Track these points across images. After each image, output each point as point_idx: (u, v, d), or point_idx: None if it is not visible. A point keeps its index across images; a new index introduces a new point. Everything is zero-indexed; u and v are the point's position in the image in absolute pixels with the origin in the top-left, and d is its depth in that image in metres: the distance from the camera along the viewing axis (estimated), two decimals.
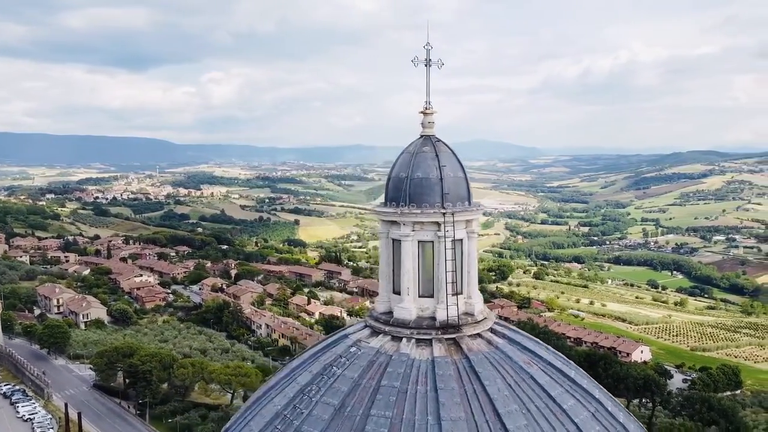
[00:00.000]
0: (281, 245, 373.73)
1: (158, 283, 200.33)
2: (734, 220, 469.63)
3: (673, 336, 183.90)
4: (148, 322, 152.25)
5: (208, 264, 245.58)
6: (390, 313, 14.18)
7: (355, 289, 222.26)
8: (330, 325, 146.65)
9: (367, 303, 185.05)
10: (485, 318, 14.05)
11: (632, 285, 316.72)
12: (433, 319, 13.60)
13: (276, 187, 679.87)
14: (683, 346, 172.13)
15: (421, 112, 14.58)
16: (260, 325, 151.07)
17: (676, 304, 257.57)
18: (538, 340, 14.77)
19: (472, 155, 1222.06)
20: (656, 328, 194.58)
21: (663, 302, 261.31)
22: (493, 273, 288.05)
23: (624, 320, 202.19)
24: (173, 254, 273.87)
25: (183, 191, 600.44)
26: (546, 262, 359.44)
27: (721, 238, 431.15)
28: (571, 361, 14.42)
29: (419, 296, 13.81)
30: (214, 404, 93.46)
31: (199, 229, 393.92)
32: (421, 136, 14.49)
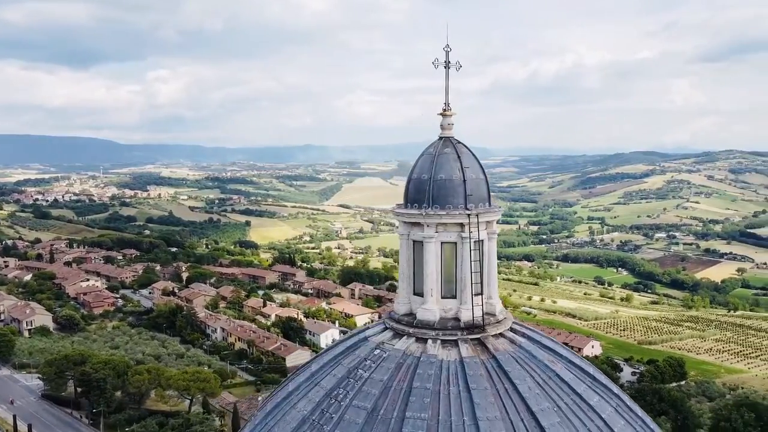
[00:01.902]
0: (233, 247, 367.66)
1: (106, 288, 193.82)
2: (674, 218, 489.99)
3: (620, 330, 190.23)
4: (97, 328, 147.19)
5: (158, 267, 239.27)
6: (411, 314, 14.17)
7: (310, 291, 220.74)
8: (288, 327, 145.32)
9: (323, 304, 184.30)
10: (505, 318, 14.23)
11: (580, 282, 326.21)
12: (457, 320, 13.67)
13: (226, 187, 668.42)
14: (631, 340, 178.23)
15: (440, 114, 14.65)
16: (215, 329, 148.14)
17: (622, 299, 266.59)
18: (552, 337, 15.04)
19: None
20: (605, 323, 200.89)
21: (610, 298, 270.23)
22: None
23: (574, 316, 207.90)
24: (120, 258, 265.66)
25: (129, 192, 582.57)
26: (499, 262, 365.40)
27: (663, 235, 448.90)
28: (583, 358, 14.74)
29: (441, 297, 13.86)
30: (171, 411, 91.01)
31: (147, 232, 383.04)
32: (440, 138, 14.55)
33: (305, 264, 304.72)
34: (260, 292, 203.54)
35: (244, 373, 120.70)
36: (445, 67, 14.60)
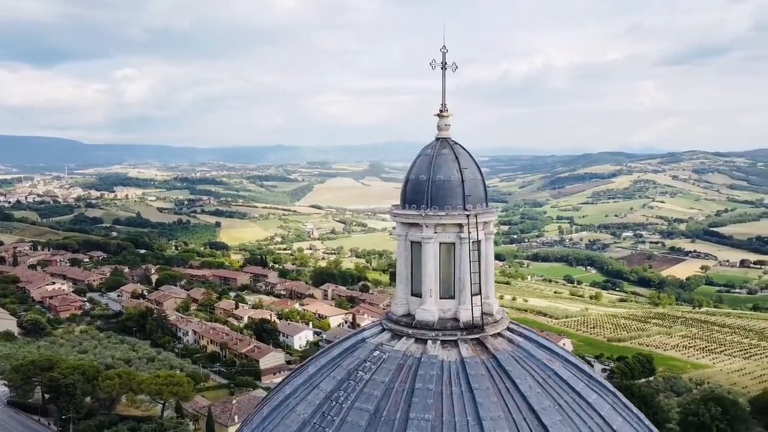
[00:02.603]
0: (203, 248, 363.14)
1: (72, 291, 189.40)
2: (641, 217, 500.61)
3: (590, 328, 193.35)
4: (64, 332, 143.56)
5: (126, 269, 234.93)
6: (409, 315, 14.15)
7: (282, 292, 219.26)
8: (262, 329, 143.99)
9: (297, 305, 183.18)
10: (502, 317, 14.32)
11: (550, 281, 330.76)
12: (456, 320, 13.70)
13: (195, 188, 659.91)
14: (600, 337, 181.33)
15: (437, 115, 14.66)
16: (187, 332, 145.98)
17: (591, 297, 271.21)
18: (546, 337, 15.18)
19: (395, 156, 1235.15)
20: (575, 321, 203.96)
21: (579, 296, 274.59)
22: None
23: (545, 314, 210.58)
24: (87, 260, 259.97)
25: (95, 193, 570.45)
26: None
27: (630, 234, 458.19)
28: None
29: (440, 298, 13.87)
30: (143, 416, 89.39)
31: (114, 233, 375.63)
32: (437, 139, 14.57)
33: (277, 265, 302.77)
34: (232, 294, 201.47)
35: (217, 376, 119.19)
36: (442, 68, 14.63)
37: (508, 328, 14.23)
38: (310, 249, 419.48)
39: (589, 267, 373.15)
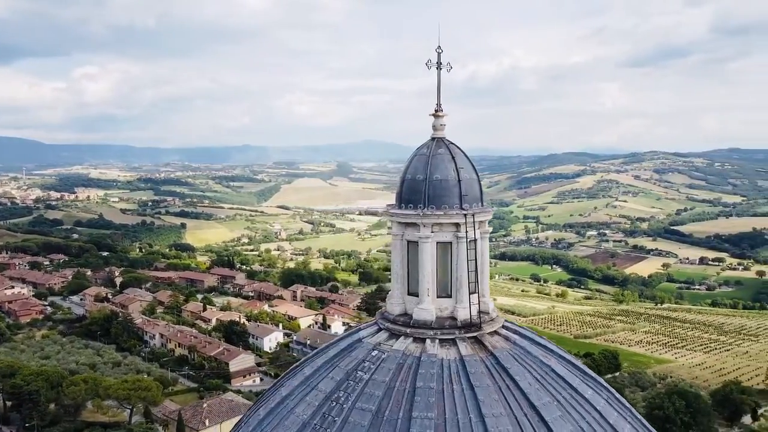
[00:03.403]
0: (168, 250, 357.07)
1: (33, 295, 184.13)
2: (604, 217, 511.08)
3: (557, 325, 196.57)
4: (25, 337, 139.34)
5: (89, 272, 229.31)
6: (406, 315, 14.18)
7: (251, 294, 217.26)
8: (231, 331, 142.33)
9: (266, 307, 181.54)
10: (498, 315, 14.47)
11: (517, 279, 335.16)
12: (454, 318, 13.77)
13: (159, 189, 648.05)
14: (567, 334, 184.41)
15: (432, 115, 14.72)
16: (154, 335, 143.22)
17: (557, 295, 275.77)
18: (536, 333, 15.39)
19: (362, 156, 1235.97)
20: (542, 318, 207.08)
21: (546, 294, 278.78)
22: (389, 272, 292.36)
23: (513, 313, 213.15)
24: (47, 263, 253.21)
25: (55, 195, 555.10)
26: None
27: (594, 233, 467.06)
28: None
29: (437, 297, 13.93)
30: (111, 422, 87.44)
31: (76, 236, 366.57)
32: (433, 138, 14.62)
33: (245, 266, 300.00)
34: (199, 296, 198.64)
35: (185, 379, 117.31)
36: (437, 68, 14.71)
37: (504, 326, 14.39)
38: (278, 250, 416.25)
39: (554, 266, 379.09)
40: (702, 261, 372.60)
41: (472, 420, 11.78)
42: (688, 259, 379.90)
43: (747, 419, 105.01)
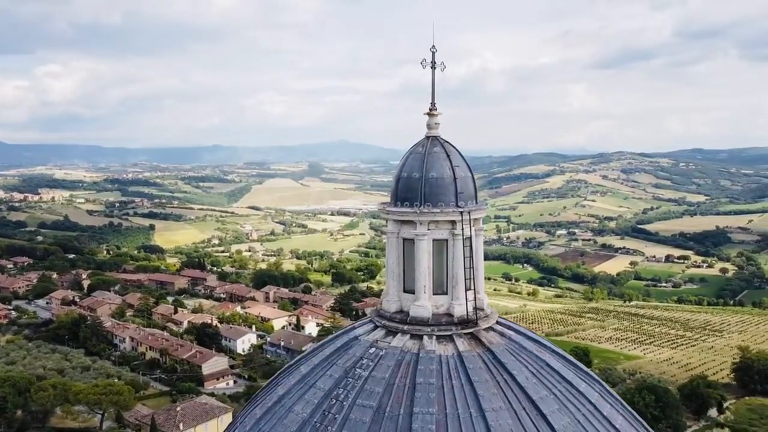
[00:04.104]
0: (137, 252, 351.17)
1: None
2: (573, 216, 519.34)
3: (529, 323, 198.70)
4: None
5: (55, 275, 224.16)
6: (403, 312, 14.28)
7: (222, 295, 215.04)
8: (203, 333, 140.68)
9: (238, 308, 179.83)
10: (492, 311, 14.66)
11: (489, 278, 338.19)
12: (450, 315, 13.93)
13: (127, 190, 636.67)
14: (539, 332, 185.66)
15: (426, 114, 14.85)
16: (124, 339, 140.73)
17: (528, 294, 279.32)
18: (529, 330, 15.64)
19: (334, 156, 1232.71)
20: (514, 317, 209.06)
21: (517, 293, 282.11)
22: (362, 272, 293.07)
23: None
24: (11, 266, 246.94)
25: (18, 196, 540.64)
26: None
27: (563, 232, 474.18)
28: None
29: (433, 294, 14.07)
30: (81, 428, 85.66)
31: (40, 238, 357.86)
32: (427, 137, 14.75)
33: (215, 268, 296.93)
34: (170, 299, 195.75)
35: (157, 383, 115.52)
36: (431, 68, 14.85)
37: (498, 322, 14.60)
38: (249, 251, 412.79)
39: (525, 264, 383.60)
40: (668, 259, 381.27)
41: (472, 414, 11.96)
42: (654, 257, 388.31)
43: (713, 412, 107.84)
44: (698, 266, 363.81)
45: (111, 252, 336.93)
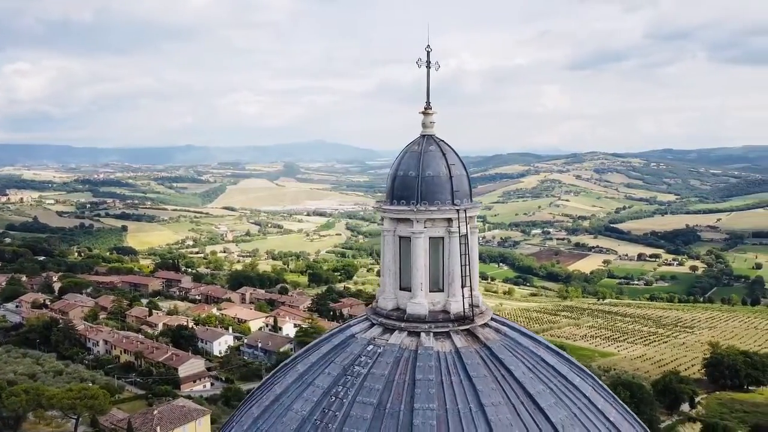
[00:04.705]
0: (109, 254, 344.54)
1: None
2: (548, 215, 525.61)
3: None
4: None
5: (24, 278, 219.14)
6: (399, 309, 14.36)
7: (198, 297, 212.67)
8: (179, 335, 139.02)
9: (214, 310, 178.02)
10: (487, 308, 14.82)
11: None
12: (446, 312, 14.05)
13: (98, 190, 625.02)
14: None
15: (422, 113, 14.96)
16: (97, 342, 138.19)
17: (504, 293, 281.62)
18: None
19: (309, 156, 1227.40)
20: None
21: (494, 292, 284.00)
22: (339, 273, 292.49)
23: None
24: None
25: None
26: None
27: (538, 231, 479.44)
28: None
29: (429, 291, 14.18)
30: None
31: (8, 240, 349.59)
32: (422, 136, 14.86)
33: (190, 269, 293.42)
34: (144, 301, 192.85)
35: (132, 386, 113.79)
36: (426, 67, 14.96)
37: (492, 319, 14.78)
38: (225, 252, 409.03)
39: (501, 264, 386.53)
40: (640, 257, 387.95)
41: (472, 410, 12.11)
42: (627, 255, 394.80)
43: (685, 407, 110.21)
44: (669, 264, 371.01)
45: (82, 254, 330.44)
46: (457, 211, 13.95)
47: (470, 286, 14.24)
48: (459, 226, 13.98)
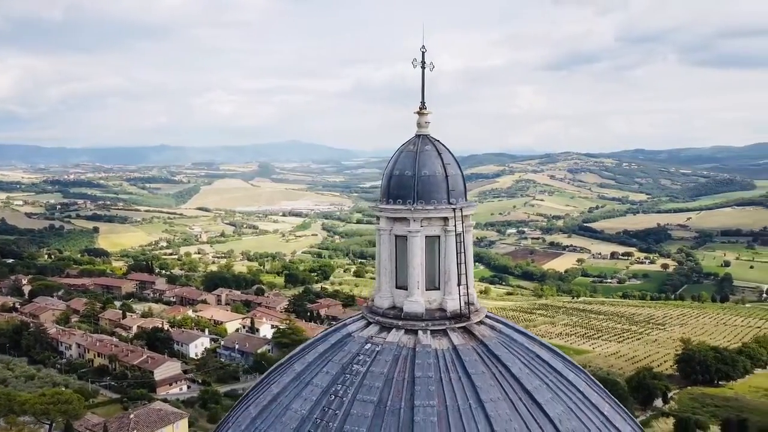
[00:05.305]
0: (80, 256, 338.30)
1: None
2: (523, 215, 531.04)
3: None
4: None
5: None
6: (396, 308, 14.47)
7: (173, 299, 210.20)
8: (154, 338, 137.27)
9: (190, 312, 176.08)
10: (482, 306, 15.00)
11: None
12: (443, 310, 14.20)
13: (69, 191, 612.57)
14: None
15: (416, 112, 15.08)
16: (70, 346, 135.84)
17: (480, 292, 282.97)
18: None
19: (285, 156, 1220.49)
20: None
21: None
22: (315, 273, 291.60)
23: None
24: None
25: None
26: (364, 260, 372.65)
27: (513, 231, 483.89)
28: None
29: (425, 289, 14.31)
30: None
31: None
32: (417, 135, 14.99)
33: (164, 271, 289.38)
34: (117, 303, 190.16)
35: (107, 390, 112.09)
36: (421, 67, 15.10)
37: (487, 316, 14.97)
38: (199, 253, 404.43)
39: (477, 263, 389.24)
40: (613, 256, 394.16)
41: (472, 406, 12.28)
42: (600, 254, 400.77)
43: (659, 402, 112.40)
44: (641, 262, 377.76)
45: (53, 256, 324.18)
46: (454, 210, 14.13)
47: (466, 284, 14.41)
48: (455, 225, 14.15)
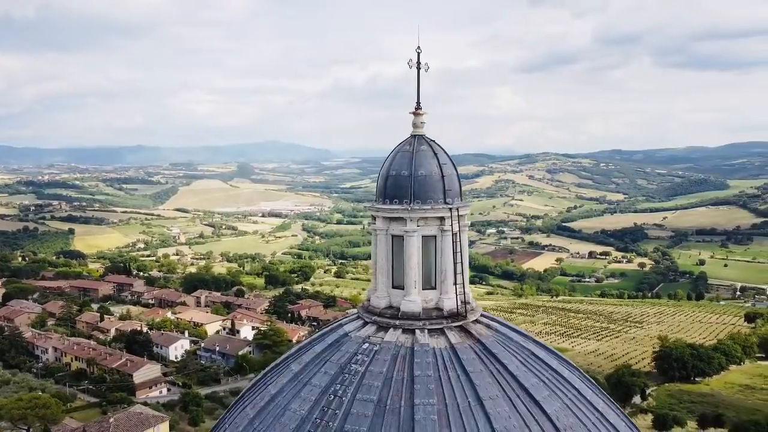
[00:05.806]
0: (55, 258, 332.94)
1: None
2: (502, 215, 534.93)
3: None
4: None
5: None
6: (393, 307, 14.52)
7: (151, 301, 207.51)
8: (133, 340, 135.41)
9: (169, 314, 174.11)
10: (477, 305, 15.11)
11: None
12: (439, 309, 14.28)
13: (43, 192, 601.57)
14: None
15: (412, 113, 15.13)
16: (46, 349, 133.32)
17: None
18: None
19: (264, 156, 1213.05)
20: None
21: None
22: (296, 274, 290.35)
23: None
24: None
25: None
26: (345, 261, 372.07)
27: (493, 230, 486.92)
28: None
29: (422, 289, 14.36)
30: None
31: None
32: (413, 136, 15.04)
33: (142, 273, 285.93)
34: (95, 306, 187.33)
35: (85, 394, 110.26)
36: (417, 68, 15.15)
37: (482, 315, 15.09)
38: (177, 255, 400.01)
39: None
40: (591, 255, 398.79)
41: (471, 404, 12.39)
42: (578, 253, 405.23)
43: (637, 399, 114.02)
44: (618, 262, 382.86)
45: (27, 258, 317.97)
46: (450, 209, 14.23)
47: (462, 283, 14.51)
48: (452, 225, 14.25)
